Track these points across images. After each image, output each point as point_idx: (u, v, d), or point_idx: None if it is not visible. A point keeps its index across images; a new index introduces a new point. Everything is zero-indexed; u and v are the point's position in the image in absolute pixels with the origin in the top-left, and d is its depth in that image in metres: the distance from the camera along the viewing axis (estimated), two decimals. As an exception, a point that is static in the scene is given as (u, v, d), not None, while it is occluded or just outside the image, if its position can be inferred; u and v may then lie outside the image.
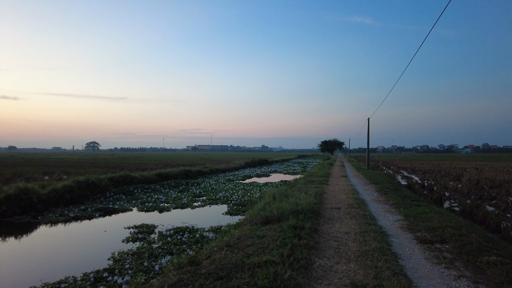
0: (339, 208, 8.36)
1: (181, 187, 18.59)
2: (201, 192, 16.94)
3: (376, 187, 14.15)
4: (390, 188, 13.61)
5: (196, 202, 14.32)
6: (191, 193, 16.57)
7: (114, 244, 8.29)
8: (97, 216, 11.51)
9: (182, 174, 24.13)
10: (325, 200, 10.02)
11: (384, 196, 11.20)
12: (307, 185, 14.42)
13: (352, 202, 9.53)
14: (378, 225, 6.46)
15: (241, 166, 38.24)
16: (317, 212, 7.47)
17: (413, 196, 11.74)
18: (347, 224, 6.52)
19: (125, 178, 18.52)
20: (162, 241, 8.20)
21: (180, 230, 9.20)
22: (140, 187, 17.74)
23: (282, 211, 6.70)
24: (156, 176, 21.39)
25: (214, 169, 30.27)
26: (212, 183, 21.40)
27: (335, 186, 14.40)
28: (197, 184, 20.68)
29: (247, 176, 27.66)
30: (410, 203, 9.65)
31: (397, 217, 7.43)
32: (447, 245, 5.00)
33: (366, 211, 7.95)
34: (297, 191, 11.51)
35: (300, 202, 7.79)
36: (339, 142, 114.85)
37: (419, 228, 6.20)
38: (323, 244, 5.08)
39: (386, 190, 12.65)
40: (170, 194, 16.46)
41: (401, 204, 9.27)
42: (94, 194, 15.44)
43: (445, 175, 27.47)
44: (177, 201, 14.45)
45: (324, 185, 14.45)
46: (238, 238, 5.25)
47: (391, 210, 8.39)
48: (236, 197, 15.05)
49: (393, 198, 10.37)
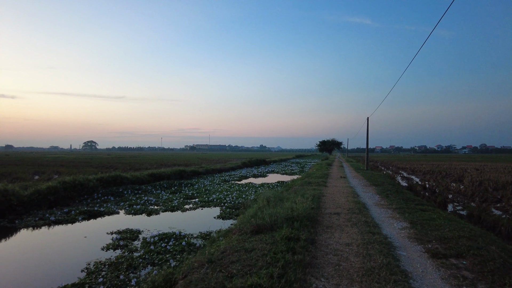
0: (338, 214, 7.66)
1: (174, 188, 17.85)
2: (194, 194, 16.21)
3: (376, 189, 13.47)
4: (391, 190, 12.94)
5: (187, 205, 13.60)
6: (183, 195, 15.85)
7: (93, 252, 7.56)
8: (80, 219, 10.77)
9: (176, 175, 23.38)
10: (323, 204, 9.32)
11: (386, 199, 10.52)
12: (304, 187, 13.72)
13: (353, 206, 8.83)
14: (383, 235, 5.77)
15: (238, 166, 37.52)
16: (315, 219, 6.76)
17: (417, 199, 11.07)
18: (348, 233, 5.82)
19: (115, 179, 17.75)
20: (144, 249, 7.49)
21: (166, 236, 8.49)
22: (130, 188, 16.99)
23: (275, 218, 5.99)
24: (148, 176, 20.63)
25: (209, 169, 29.53)
26: (206, 184, 20.68)
27: (334, 188, 13.71)
28: (190, 185, 19.95)
29: (243, 177, 26.95)
30: (415, 207, 8.97)
31: (403, 224, 6.74)
32: (465, 261, 4.31)
33: (368, 217, 7.25)
34: (294, 194, 10.82)
35: (296, 207, 7.08)
36: (338, 142, 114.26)
37: (429, 238, 5.51)
38: (321, 260, 4.38)
39: (388, 193, 11.97)
40: (161, 195, 15.74)
41: (405, 208, 8.58)
42: (81, 195, 14.68)
43: (445, 176, 26.86)
44: (167, 203, 13.72)
45: (322, 187, 13.75)
46: (223, 252, 4.53)
47: (395, 215, 7.70)
48: (230, 199, 14.34)
49: (396, 202, 9.68)
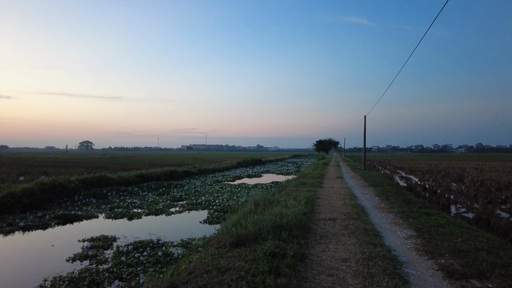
0: (334, 220, 6.80)
1: (162, 190, 16.93)
2: (182, 196, 15.31)
3: (375, 190, 12.65)
4: (391, 191, 12.12)
5: (173, 207, 12.71)
6: (170, 197, 14.94)
7: (56, 264, 6.65)
8: (53, 225, 9.83)
9: (166, 175, 22.44)
10: (317, 207, 8.46)
11: (386, 201, 9.68)
12: (298, 188, 12.86)
13: (350, 210, 7.98)
14: (386, 246, 4.92)
15: (233, 166, 36.62)
16: (307, 227, 5.89)
17: (419, 202, 10.26)
18: (345, 245, 4.96)
19: (100, 180, 16.80)
20: (114, 260, 6.58)
21: (142, 244, 7.60)
22: (115, 190, 16.05)
23: (260, 227, 5.12)
24: (137, 177, 19.68)
25: (202, 170, 28.61)
26: (197, 185, 19.77)
27: (330, 189, 12.86)
28: (180, 186, 19.02)
29: (237, 177, 26.07)
30: (418, 210, 8.15)
31: (408, 232, 5.89)
32: (491, 284, 3.46)
33: (368, 224, 6.40)
34: (286, 196, 9.95)
35: (286, 212, 6.21)
36: (334, 142, 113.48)
37: (440, 250, 4.67)
38: (312, 283, 3.51)
39: (388, 194, 11.14)
40: (147, 197, 14.82)
41: (408, 212, 7.75)
42: (60, 198, 13.72)
43: (445, 175, 26.15)
44: (152, 206, 12.82)
45: (317, 188, 12.90)
46: (191, 273, 3.65)
47: (397, 221, 6.86)
48: (219, 202, 13.45)
49: (398, 205, 8.85)
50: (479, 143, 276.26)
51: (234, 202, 13.50)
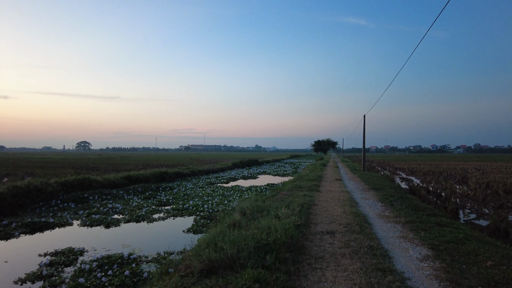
0: (333, 233, 5.76)
1: (148, 193, 15.84)
2: (170, 200, 14.23)
3: (377, 194, 11.63)
4: (394, 196, 11.11)
5: (158, 213, 11.65)
6: (156, 201, 13.86)
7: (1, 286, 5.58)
8: (16, 234, 8.75)
9: (156, 177, 21.33)
10: (313, 217, 7.41)
11: (390, 208, 8.66)
12: (293, 192, 11.82)
13: (351, 220, 6.94)
14: (398, 273, 3.89)
15: (228, 167, 35.54)
16: (299, 245, 4.85)
17: (426, 208, 9.24)
18: (347, 272, 3.91)
19: (82, 182, 15.70)
20: (71, 283, 5.51)
21: (110, 260, 6.54)
22: (98, 193, 14.96)
23: (241, 247, 4.07)
24: (124, 179, 18.58)
25: (196, 171, 27.51)
26: (188, 187, 18.69)
27: (328, 194, 11.83)
28: (170, 188, 17.94)
29: (231, 178, 25.00)
30: (427, 220, 7.14)
31: (422, 250, 4.86)
32: None
33: (373, 239, 5.37)
34: (279, 202, 8.91)
35: (275, 226, 5.16)
36: (333, 142, 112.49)
37: (469, 281, 3.63)
38: None
39: (391, 200, 10.13)
40: (132, 201, 13.74)
41: (417, 223, 6.73)
42: (35, 202, 12.63)
43: (447, 177, 25.19)
44: (134, 211, 11.75)
45: (314, 192, 11.86)
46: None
47: (407, 234, 5.84)
48: (208, 207, 12.40)
49: (404, 213, 7.83)
50: (477, 143, 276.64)
51: (224, 207, 12.46)
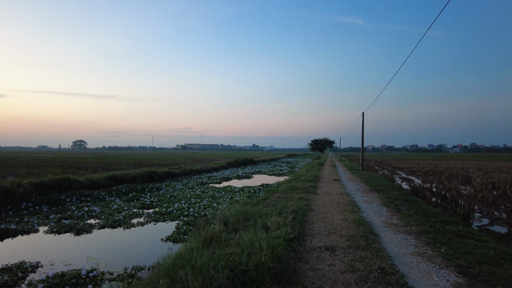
0: (333, 250, 4.64)
1: (132, 195, 14.67)
2: (154, 202, 13.08)
3: (380, 197, 10.56)
4: (399, 199, 10.05)
5: (138, 217, 10.52)
6: (139, 203, 12.72)
7: None
8: (-34, 245, 7.56)
9: (144, 177, 20.15)
10: (309, 226, 6.29)
11: (397, 214, 7.58)
12: (288, 195, 10.72)
13: (354, 230, 5.84)
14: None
15: (222, 167, 34.38)
16: (290, 270, 3.72)
17: (436, 213, 8.19)
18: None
19: (60, 183, 14.50)
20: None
21: (63, 280, 5.42)
22: (77, 195, 13.78)
23: (209, 278, 2.95)
24: (108, 179, 17.39)
25: (188, 170, 26.34)
26: (177, 188, 17.55)
27: (326, 196, 10.74)
28: (156, 189, 16.77)
29: (224, 178, 23.86)
30: (442, 228, 6.09)
31: (449, 275, 3.76)
32: None
33: (384, 258, 4.26)
34: (271, 207, 7.80)
35: (261, 242, 4.05)
36: (330, 141, 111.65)
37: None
38: None
39: (397, 203, 9.06)
40: (112, 204, 12.59)
41: (432, 233, 5.66)
42: (3, 205, 11.43)
43: (449, 177, 24.23)
44: (112, 215, 10.62)
45: (311, 195, 10.76)
46: None
47: (424, 250, 4.75)
48: (195, 210, 11.29)
49: (415, 220, 6.76)
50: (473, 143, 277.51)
51: (213, 210, 11.35)
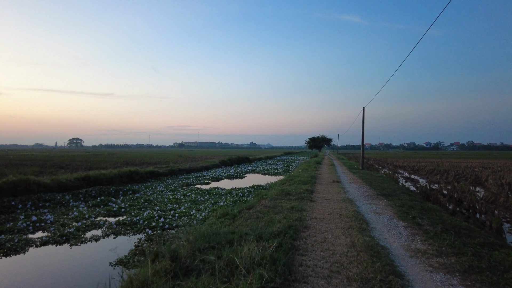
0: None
1: (101, 198, 12.72)
2: (122, 208, 11.17)
3: (391, 204, 8.69)
4: (414, 207, 8.20)
5: (95, 229, 8.64)
6: (105, 210, 10.82)
7: None
8: None
9: (123, 177, 18.19)
10: (301, 259, 4.27)
11: (420, 232, 5.71)
12: (277, 202, 8.80)
13: (368, 268, 3.87)
14: None
15: (214, 165, 32.45)
16: None
17: (467, 228, 6.36)
18: None
19: (16, 185, 12.54)
20: None
21: None
22: (35, 199, 11.84)
23: None
24: (79, 180, 15.42)
25: (175, 169, 24.40)
26: (158, 190, 15.64)
27: (325, 205, 8.84)
28: (132, 192, 14.82)
29: (214, 178, 21.95)
30: (491, 256, 4.25)
31: None
32: None
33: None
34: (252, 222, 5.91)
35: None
36: (327, 139, 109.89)
37: None
38: None
39: (414, 215, 7.20)
40: (74, 210, 10.69)
41: (486, 272, 3.81)
42: None
43: (456, 176, 22.44)
44: (64, 227, 8.71)
45: (306, 203, 8.85)
46: None
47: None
48: (166, 220, 9.39)
49: (448, 243, 4.90)
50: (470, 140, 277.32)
51: (188, 219, 9.46)
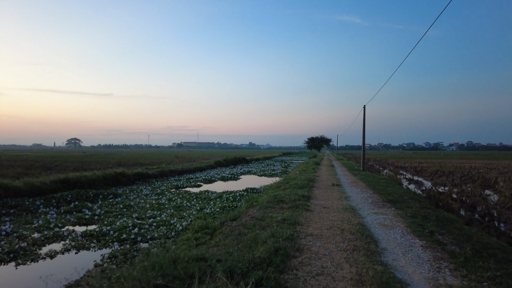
0: None
1: (75, 204, 11.45)
2: (96, 215, 9.93)
3: (400, 214, 7.46)
4: (428, 217, 6.97)
5: (57, 242, 7.43)
6: (77, 217, 9.61)
7: None
8: None
9: (107, 179, 16.93)
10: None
11: (447, 257, 4.49)
12: (267, 213, 7.55)
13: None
14: None
15: (209, 166, 31.20)
16: None
17: (499, 246, 5.13)
18: None
19: (-20, 190, 11.25)
20: None
21: None
22: (0, 205, 10.57)
23: None
24: (56, 184, 14.16)
25: (166, 171, 23.13)
26: (142, 194, 14.40)
27: (323, 216, 7.59)
28: (113, 196, 13.56)
29: (207, 180, 20.70)
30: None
31: None
32: None
33: None
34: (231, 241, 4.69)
35: None
36: (326, 139, 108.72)
37: None
38: None
39: (430, 228, 5.97)
40: (41, 219, 9.45)
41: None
42: None
43: (463, 178, 21.22)
44: (19, 239, 7.49)
45: (300, 213, 7.59)
46: None
47: None
48: (140, 231, 8.16)
49: (490, 274, 3.68)
50: (469, 141, 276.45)
51: (166, 230, 8.21)
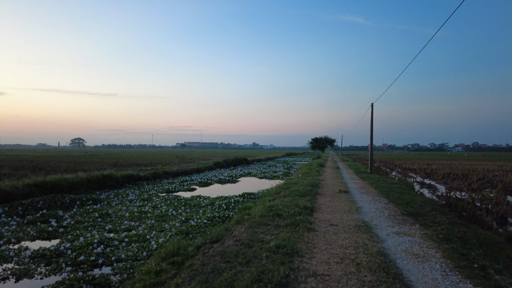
0: None
1: (42, 212, 10.01)
2: (63, 227, 8.48)
3: (430, 236, 5.87)
4: (466, 238, 5.41)
5: (5, 264, 5.95)
6: (38, 229, 8.19)
7: None
8: None
9: (92, 182, 15.52)
10: None
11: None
12: (258, 234, 5.99)
13: None
14: None
15: (208, 167, 29.75)
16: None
17: None
18: None
19: None
20: None
21: None
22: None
23: None
24: (31, 187, 12.78)
25: (160, 173, 21.70)
26: (128, 199, 12.97)
27: (331, 237, 5.98)
28: (93, 201, 12.12)
29: (202, 183, 19.23)
30: None
31: None
32: None
33: None
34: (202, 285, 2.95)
35: None
36: (331, 140, 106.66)
37: None
38: None
39: (482, 262, 4.40)
40: None
41: None
42: None
43: (478, 181, 19.47)
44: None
45: (300, 235, 5.98)
46: None
47: None
48: (105, 251, 6.70)
49: None
50: (475, 142, 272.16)
51: (138, 250, 6.72)
